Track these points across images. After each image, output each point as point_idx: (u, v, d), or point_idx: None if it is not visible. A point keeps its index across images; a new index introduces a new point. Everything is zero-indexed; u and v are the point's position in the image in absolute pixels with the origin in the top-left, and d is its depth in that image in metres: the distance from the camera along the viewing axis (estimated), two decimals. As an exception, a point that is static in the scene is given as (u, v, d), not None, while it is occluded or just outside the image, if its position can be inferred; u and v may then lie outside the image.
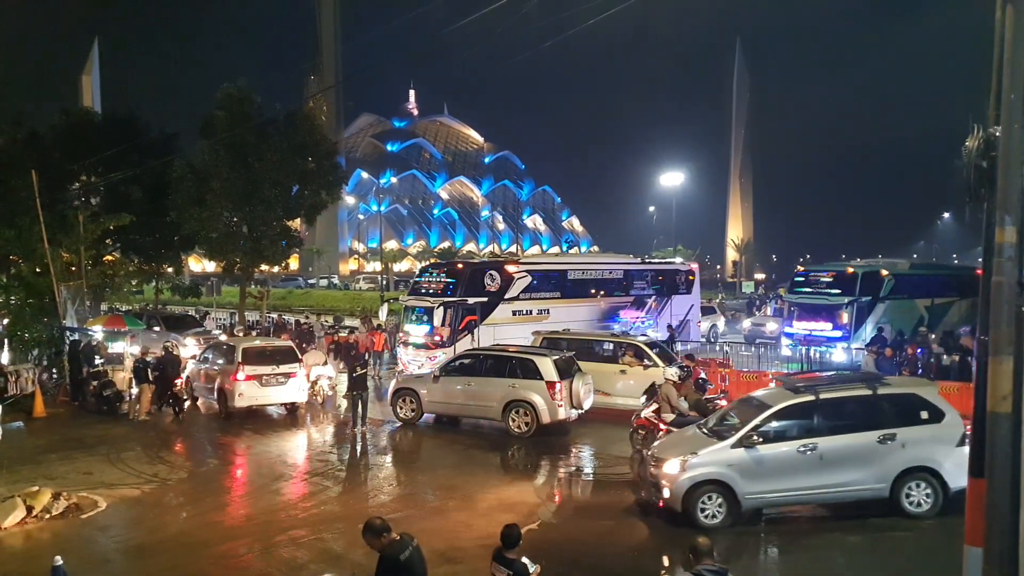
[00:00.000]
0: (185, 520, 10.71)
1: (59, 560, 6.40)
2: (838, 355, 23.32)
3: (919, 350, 20.37)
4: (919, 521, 10.11)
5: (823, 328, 24.53)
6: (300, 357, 18.64)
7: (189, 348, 23.96)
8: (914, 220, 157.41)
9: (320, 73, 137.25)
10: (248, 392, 17.29)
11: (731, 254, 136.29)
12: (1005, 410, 5.67)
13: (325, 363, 20.38)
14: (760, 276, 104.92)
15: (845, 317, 24.04)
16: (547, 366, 15.74)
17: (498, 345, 18.82)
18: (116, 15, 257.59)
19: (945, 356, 21.50)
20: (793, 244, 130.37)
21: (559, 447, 15.07)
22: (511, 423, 15.77)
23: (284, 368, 17.75)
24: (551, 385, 15.46)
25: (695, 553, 5.76)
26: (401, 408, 17.17)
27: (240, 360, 17.36)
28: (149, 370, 17.73)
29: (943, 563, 8.07)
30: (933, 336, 25.91)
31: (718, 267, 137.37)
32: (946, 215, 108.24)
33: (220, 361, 18.22)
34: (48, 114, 32.27)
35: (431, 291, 23.06)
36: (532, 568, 6.10)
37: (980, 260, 6.13)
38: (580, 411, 16.06)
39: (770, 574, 9.71)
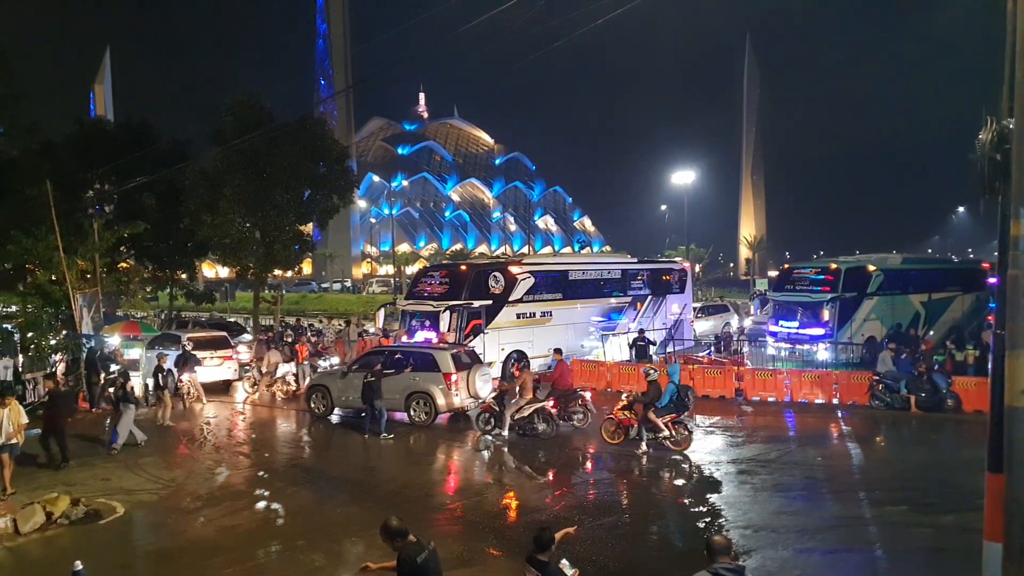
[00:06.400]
0: (202, 525, 10.74)
1: (79, 565, 6.44)
2: (822, 353, 23.11)
3: (901, 354, 19.60)
4: None
5: (807, 326, 24.14)
6: (233, 345, 23.27)
7: (242, 354, 24.55)
8: (929, 215, 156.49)
9: (330, 78, 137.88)
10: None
11: (744, 252, 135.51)
12: (1023, 404, 5.61)
13: (288, 361, 22.05)
14: (773, 273, 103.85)
15: (827, 314, 23.62)
16: (445, 359, 16.91)
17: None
18: (127, 24, 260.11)
19: (957, 352, 21.25)
20: (807, 241, 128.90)
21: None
22: (412, 413, 17.03)
23: (220, 353, 22.32)
24: (448, 376, 16.67)
25: (711, 551, 5.41)
26: (314, 403, 18.37)
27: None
28: (160, 376, 18.06)
29: None
30: (932, 333, 25.54)
31: (731, 265, 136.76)
32: (961, 209, 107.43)
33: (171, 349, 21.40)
34: (62, 123, 32.47)
35: (432, 295, 22.44)
36: (570, 572, 5.65)
37: (996, 254, 6.06)
38: (479, 400, 16.98)
39: None
